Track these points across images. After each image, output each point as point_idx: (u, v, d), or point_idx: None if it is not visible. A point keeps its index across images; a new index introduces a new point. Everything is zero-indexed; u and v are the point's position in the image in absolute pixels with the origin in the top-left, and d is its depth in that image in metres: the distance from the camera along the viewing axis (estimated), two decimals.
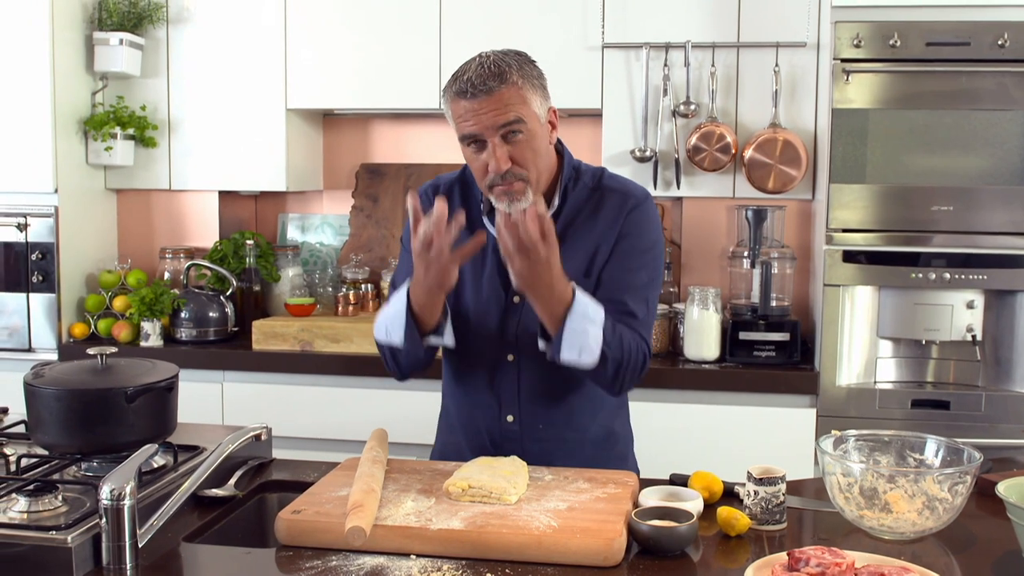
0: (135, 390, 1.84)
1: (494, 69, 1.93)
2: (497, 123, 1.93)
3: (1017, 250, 3.10)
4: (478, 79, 1.92)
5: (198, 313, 3.64)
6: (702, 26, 3.43)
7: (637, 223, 2.08)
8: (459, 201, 2.16)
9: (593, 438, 2.15)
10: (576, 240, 2.07)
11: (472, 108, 1.93)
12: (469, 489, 1.79)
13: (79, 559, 1.57)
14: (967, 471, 1.75)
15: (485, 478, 1.80)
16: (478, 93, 1.92)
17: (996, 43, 3.04)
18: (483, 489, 1.78)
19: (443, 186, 2.20)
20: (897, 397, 3.20)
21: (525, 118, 1.94)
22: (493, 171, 1.95)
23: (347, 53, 3.64)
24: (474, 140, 1.96)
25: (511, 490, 1.79)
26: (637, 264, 2.07)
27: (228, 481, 2.00)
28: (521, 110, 1.94)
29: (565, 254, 2.00)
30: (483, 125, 1.93)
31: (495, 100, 1.92)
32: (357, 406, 3.37)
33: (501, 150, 1.94)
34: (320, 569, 1.60)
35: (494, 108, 1.92)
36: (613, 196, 2.10)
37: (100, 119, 3.64)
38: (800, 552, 1.52)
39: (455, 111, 1.97)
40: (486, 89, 1.91)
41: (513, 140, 1.94)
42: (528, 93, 1.95)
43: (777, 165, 3.36)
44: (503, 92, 1.92)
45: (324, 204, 4.13)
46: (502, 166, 1.94)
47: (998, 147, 3.09)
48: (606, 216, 2.08)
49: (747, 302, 3.47)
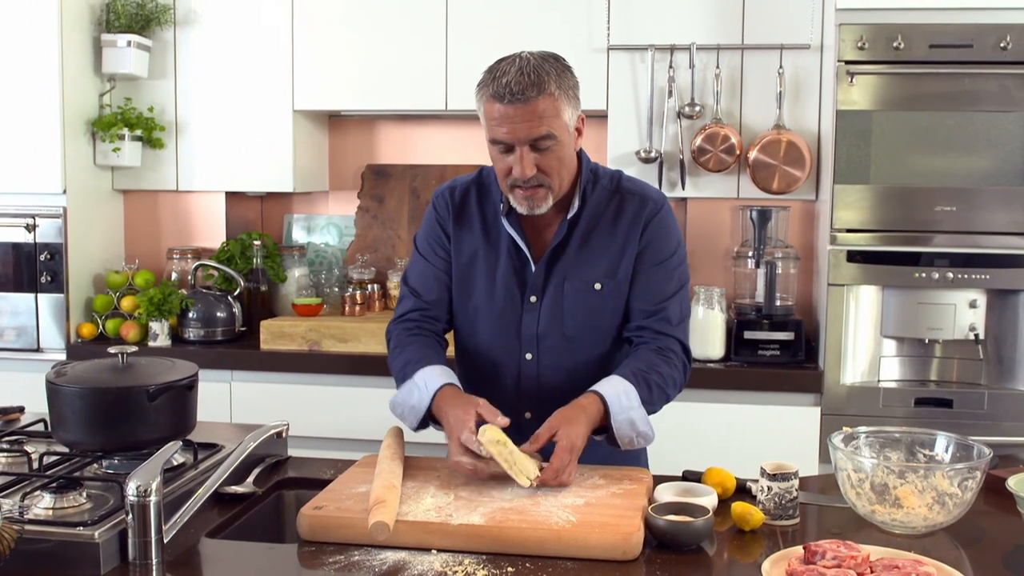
0: (157, 388, 1.87)
1: (533, 77, 1.93)
2: (530, 135, 1.95)
3: (1019, 250, 3.14)
4: (517, 86, 1.92)
5: (206, 313, 3.66)
6: (707, 28, 3.46)
7: (658, 230, 2.12)
8: (476, 203, 2.19)
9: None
10: (600, 243, 2.11)
11: (507, 114, 1.94)
12: (499, 444, 1.82)
13: (106, 554, 1.60)
14: (977, 467, 1.78)
15: (517, 450, 1.84)
16: (515, 100, 1.92)
17: (998, 45, 3.07)
18: (513, 455, 1.82)
19: (459, 188, 2.23)
20: (901, 395, 3.23)
21: (556, 131, 1.97)
22: (517, 175, 1.98)
23: (354, 55, 3.67)
24: (500, 143, 1.99)
25: (531, 471, 1.83)
26: (664, 273, 2.12)
27: (247, 479, 2.02)
28: (553, 124, 1.96)
29: (589, 257, 2.05)
30: (516, 135, 1.95)
31: (531, 111, 1.93)
32: (365, 405, 3.39)
33: (528, 159, 1.97)
34: (343, 564, 1.62)
35: (529, 120, 1.93)
36: (632, 199, 2.14)
37: (108, 120, 3.66)
38: (816, 545, 1.55)
39: (488, 111, 1.98)
40: (524, 98, 1.92)
41: (541, 150, 1.97)
42: (562, 104, 1.97)
43: (781, 166, 3.38)
44: (539, 103, 1.93)
45: (329, 205, 4.16)
46: (527, 173, 1.97)
47: (1000, 148, 3.12)
48: (626, 220, 2.12)
49: (751, 302, 3.50)
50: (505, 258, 2.14)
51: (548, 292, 2.12)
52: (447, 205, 2.21)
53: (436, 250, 2.22)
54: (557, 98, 1.96)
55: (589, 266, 2.08)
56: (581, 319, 2.11)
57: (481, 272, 2.16)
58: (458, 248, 2.19)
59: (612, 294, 2.11)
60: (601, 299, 2.11)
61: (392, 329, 2.24)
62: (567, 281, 2.11)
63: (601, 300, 2.11)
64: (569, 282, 2.11)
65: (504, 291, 2.14)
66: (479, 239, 2.17)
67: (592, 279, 2.10)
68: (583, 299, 2.11)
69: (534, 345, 2.12)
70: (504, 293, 2.13)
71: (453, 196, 2.21)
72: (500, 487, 1.86)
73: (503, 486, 1.86)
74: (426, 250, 2.24)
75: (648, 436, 2.01)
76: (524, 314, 2.11)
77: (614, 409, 1.95)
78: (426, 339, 2.19)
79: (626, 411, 1.96)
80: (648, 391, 2.00)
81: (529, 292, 2.11)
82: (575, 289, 2.11)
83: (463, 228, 2.19)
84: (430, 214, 2.25)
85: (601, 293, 2.10)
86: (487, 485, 1.87)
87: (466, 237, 2.19)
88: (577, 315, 2.11)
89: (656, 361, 2.05)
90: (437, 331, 2.23)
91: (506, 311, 2.13)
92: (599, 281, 2.10)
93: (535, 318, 2.11)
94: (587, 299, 2.11)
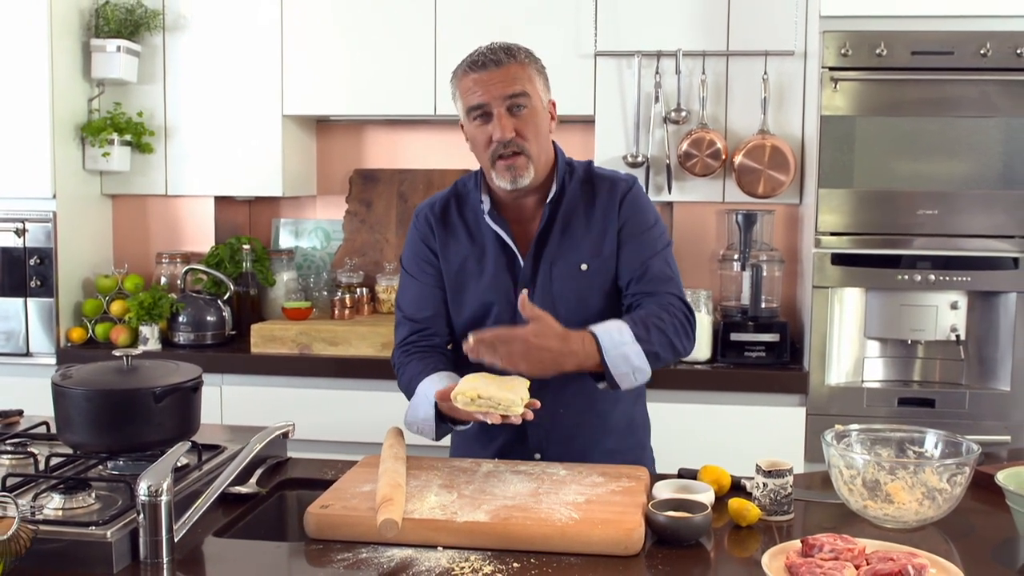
0: (163, 390, 1.89)
1: (503, 47, 2.09)
2: (504, 93, 2.05)
3: (998, 252, 3.21)
4: (489, 52, 2.08)
5: (196, 317, 3.68)
6: (692, 35, 3.52)
7: (633, 206, 2.20)
8: (456, 212, 2.25)
9: (615, 425, 2.25)
10: (579, 227, 2.18)
11: (481, 79, 2.06)
12: (478, 399, 1.88)
13: (118, 553, 1.62)
14: (965, 463, 1.83)
15: (493, 389, 1.89)
16: (488, 64, 2.06)
17: (979, 52, 3.15)
18: (492, 400, 1.88)
19: (438, 202, 2.29)
20: (884, 396, 3.29)
21: (530, 94, 2.08)
22: (497, 139, 2.06)
23: (343, 60, 3.70)
24: (480, 112, 2.08)
25: (517, 401, 1.88)
26: (647, 239, 2.18)
27: (249, 479, 2.05)
28: (527, 86, 2.08)
29: (572, 241, 2.14)
30: (490, 95, 2.06)
31: (503, 72, 2.06)
32: (357, 408, 3.42)
33: (506, 119, 2.06)
34: (351, 561, 1.65)
35: (502, 80, 2.06)
36: (603, 183, 2.22)
37: (98, 125, 3.68)
38: (814, 539, 1.60)
39: (463, 87, 2.10)
40: (496, 60, 2.06)
41: (518, 113, 2.07)
42: (533, 74, 2.11)
43: (766, 170, 3.44)
44: (511, 67, 2.07)
45: (317, 209, 4.18)
46: (507, 134, 2.05)
47: (980, 153, 3.19)
48: (602, 202, 2.19)
49: (737, 304, 3.55)
50: (493, 257, 2.19)
51: (538, 281, 2.17)
52: (428, 221, 2.27)
53: (424, 268, 2.27)
54: (527, 66, 2.11)
55: (573, 249, 2.16)
56: (572, 302, 2.16)
57: (473, 276, 2.21)
58: (447, 259, 2.24)
59: (599, 272, 2.17)
60: (589, 279, 2.17)
61: (394, 356, 2.30)
62: (554, 267, 2.17)
63: (589, 280, 2.17)
64: (556, 268, 2.17)
65: (497, 288, 2.18)
66: (465, 246, 2.23)
67: (578, 261, 2.16)
68: (572, 282, 2.17)
69: None
70: (498, 290, 2.18)
71: (433, 210, 2.27)
72: (502, 485, 1.90)
73: (505, 485, 1.90)
74: (414, 270, 2.29)
75: (646, 371, 2.04)
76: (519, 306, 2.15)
77: (606, 344, 1.99)
78: (425, 354, 2.23)
79: (619, 346, 1.99)
80: (645, 330, 2.03)
81: (520, 284, 2.16)
82: (563, 274, 2.17)
83: (448, 238, 2.24)
84: (413, 234, 2.30)
85: (588, 273, 2.16)
86: (489, 484, 1.91)
87: (453, 246, 2.24)
88: (568, 299, 2.16)
89: (655, 309, 2.10)
90: (436, 345, 2.27)
91: (501, 307, 2.17)
92: (585, 262, 2.16)
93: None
94: (576, 281, 2.17)
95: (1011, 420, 3.22)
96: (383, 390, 3.37)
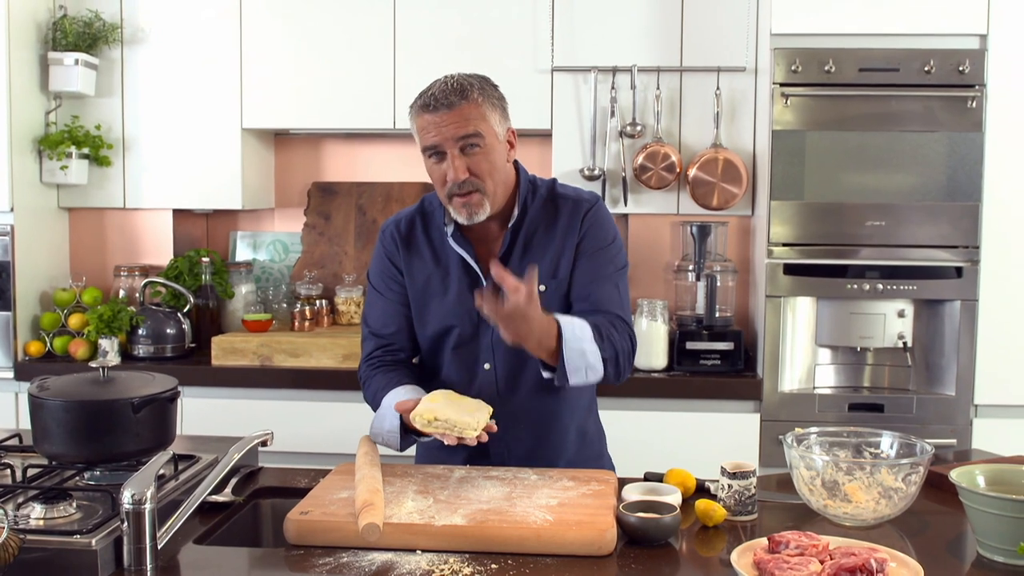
0: (141, 400, 1.92)
1: (456, 87, 2.10)
2: (456, 135, 2.08)
3: (943, 262, 3.33)
4: (441, 94, 2.09)
5: (155, 330, 3.68)
6: (647, 51, 3.61)
7: (593, 224, 2.24)
8: (422, 231, 2.29)
9: (573, 438, 2.30)
10: (539, 248, 2.22)
11: (435, 121, 2.09)
12: (435, 421, 1.96)
13: (103, 561, 1.65)
14: (919, 462, 1.92)
15: (450, 412, 1.96)
16: (440, 107, 2.08)
17: (923, 69, 3.27)
18: (448, 422, 1.95)
19: (404, 220, 2.32)
20: (835, 401, 3.39)
21: (483, 133, 2.10)
22: (451, 180, 2.10)
23: (303, 74, 3.74)
24: (435, 151, 2.11)
25: (473, 424, 1.95)
26: (603, 259, 2.23)
27: (224, 488, 2.07)
28: (480, 125, 2.10)
29: (531, 262, 2.16)
30: (443, 136, 2.09)
31: (456, 114, 2.08)
32: (319, 418, 3.45)
33: (459, 161, 2.09)
34: (332, 566, 1.69)
35: (454, 121, 2.08)
36: (567, 203, 2.26)
37: (55, 138, 3.67)
38: (780, 536, 1.67)
39: (419, 125, 2.12)
40: (448, 103, 2.08)
41: (471, 153, 2.10)
42: (487, 111, 2.12)
43: (719, 183, 3.54)
44: (464, 108, 2.09)
45: (275, 222, 4.20)
46: (459, 176, 2.09)
47: (925, 166, 3.31)
48: (563, 222, 2.23)
49: (692, 313, 3.64)
50: (456, 277, 2.23)
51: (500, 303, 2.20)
52: (394, 238, 2.31)
53: (390, 284, 2.31)
54: (480, 104, 2.11)
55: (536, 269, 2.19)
56: None
57: (436, 295, 2.25)
58: (411, 276, 2.28)
59: (555, 293, 2.21)
60: (547, 300, 2.18)
61: (361, 369, 2.35)
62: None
63: (547, 301, 2.18)
64: None
65: (459, 309, 2.22)
66: (429, 265, 2.27)
67: (541, 281, 2.18)
68: None
69: (491, 355, 2.22)
70: (460, 311, 2.22)
71: (399, 228, 2.31)
72: (476, 490, 1.95)
73: (479, 490, 1.95)
74: (380, 286, 2.33)
75: (598, 371, 2.09)
76: (480, 327, 2.21)
77: (567, 335, 2.04)
78: (389, 368, 2.28)
79: (579, 341, 2.05)
80: (599, 336, 2.08)
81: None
82: None
83: (412, 256, 2.28)
84: (379, 250, 2.34)
85: (546, 295, 2.18)
86: (463, 489, 1.96)
87: (417, 264, 2.28)
88: None
89: (603, 321, 2.14)
90: (401, 360, 2.32)
91: (463, 327, 2.23)
92: (542, 283, 2.19)
93: (489, 329, 2.19)
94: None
95: (956, 424, 3.34)
96: (345, 401, 3.40)
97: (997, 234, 3.32)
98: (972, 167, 3.29)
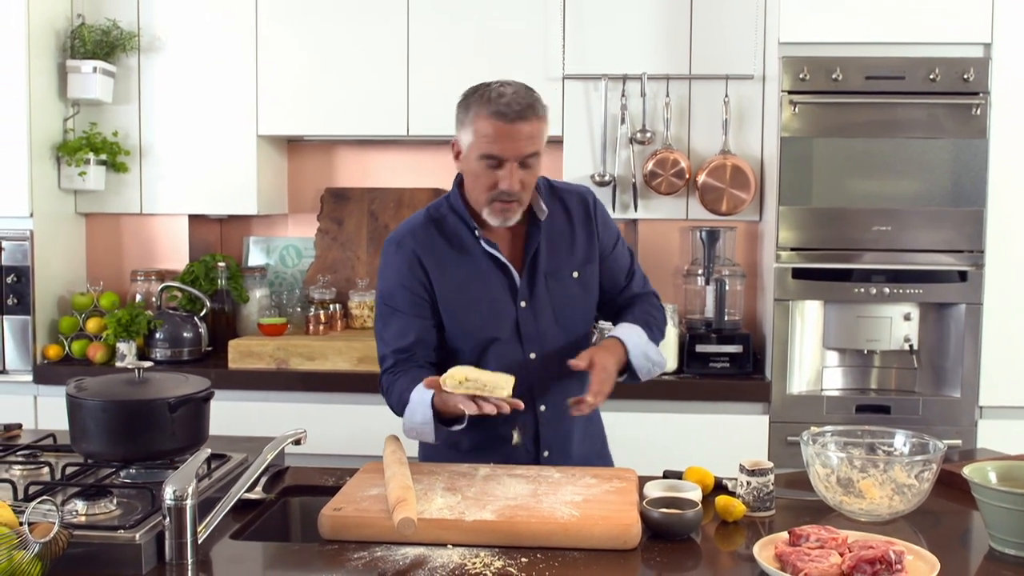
0: (177, 400, 1.98)
1: (528, 100, 2.13)
2: (523, 152, 2.14)
3: (948, 266, 3.39)
4: (518, 106, 2.11)
5: (172, 333, 3.74)
6: (657, 59, 3.67)
7: (603, 217, 2.42)
8: (440, 236, 2.30)
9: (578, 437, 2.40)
10: (562, 240, 2.34)
11: (507, 132, 2.11)
12: (466, 381, 2.01)
13: (146, 555, 1.70)
14: (932, 459, 1.98)
15: (480, 373, 2.03)
16: (516, 120, 2.11)
17: (928, 77, 3.33)
18: (478, 381, 2.01)
19: (419, 229, 2.32)
20: (843, 403, 3.45)
21: (540, 152, 2.18)
22: (505, 189, 2.16)
23: (317, 81, 3.79)
24: (494, 160, 2.14)
25: (503, 383, 2.02)
26: (620, 250, 2.45)
27: (256, 486, 2.13)
28: (540, 144, 2.18)
29: (560, 253, 2.31)
30: (511, 152, 2.13)
31: (528, 130, 2.13)
32: (335, 420, 3.50)
33: (517, 175, 2.15)
34: (367, 560, 1.75)
35: (525, 138, 2.12)
36: (570, 196, 2.39)
37: (74, 145, 3.73)
38: (800, 530, 1.73)
39: (481, 128, 2.13)
40: (524, 117, 2.11)
41: (527, 166, 2.17)
42: (545, 128, 2.19)
43: (728, 189, 3.60)
44: (534, 124, 2.14)
45: (288, 227, 4.26)
46: (515, 188, 2.16)
47: (930, 172, 3.37)
48: (578, 214, 2.37)
49: (702, 317, 3.70)
50: (490, 276, 2.29)
51: (536, 293, 2.29)
52: (414, 250, 2.29)
53: (410, 298, 2.29)
54: (543, 120, 2.18)
55: (563, 260, 2.32)
56: (568, 308, 2.33)
57: (472, 295, 2.28)
58: (442, 283, 2.28)
59: (590, 278, 2.36)
60: (581, 285, 2.34)
61: (382, 380, 2.35)
62: (549, 279, 2.31)
63: (581, 286, 2.34)
64: (551, 279, 2.31)
65: (498, 306, 2.28)
66: (460, 268, 2.29)
67: (569, 270, 2.33)
68: (566, 290, 2.32)
69: (536, 344, 2.29)
70: (499, 308, 2.28)
71: (416, 238, 2.30)
72: (502, 487, 2.01)
73: (505, 487, 2.01)
74: (395, 302, 2.30)
75: (661, 363, 2.36)
76: (521, 320, 2.27)
77: (631, 347, 2.28)
78: (411, 371, 2.28)
79: (640, 347, 2.30)
80: (650, 331, 2.37)
81: (519, 299, 2.27)
82: (558, 284, 2.31)
83: (440, 263, 2.29)
84: (393, 266, 2.31)
85: (579, 280, 2.34)
86: (490, 486, 2.01)
87: (447, 269, 2.29)
88: (565, 305, 2.32)
89: (648, 308, 2.43)
90: (422, 365, 2.31)
91: (502, 323, 2.28)
92: (576, 270, 2.33)
93: (530, 319, 2.27)
94: (570, 289, 2.33)
95: (961, 425, 3.40)
96: (361, 403, 3.46)
97: (1001, 239, 3.39)
98: (976, 173, 3.36)
